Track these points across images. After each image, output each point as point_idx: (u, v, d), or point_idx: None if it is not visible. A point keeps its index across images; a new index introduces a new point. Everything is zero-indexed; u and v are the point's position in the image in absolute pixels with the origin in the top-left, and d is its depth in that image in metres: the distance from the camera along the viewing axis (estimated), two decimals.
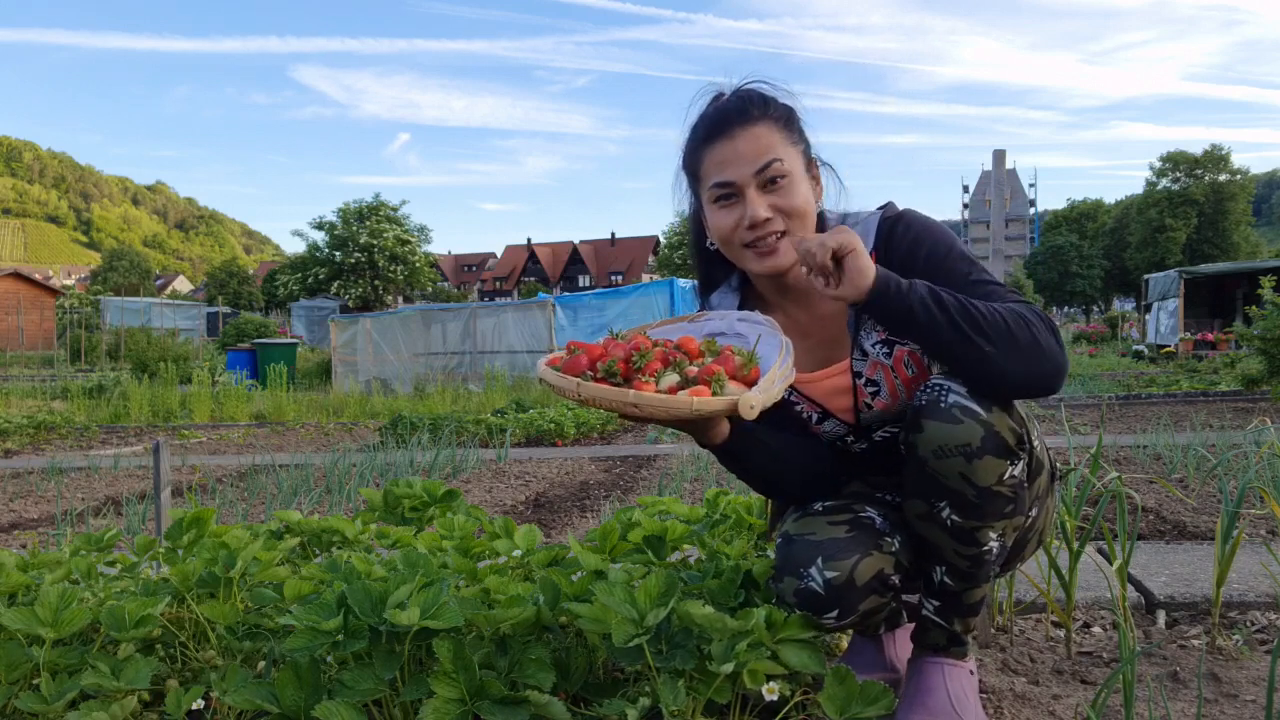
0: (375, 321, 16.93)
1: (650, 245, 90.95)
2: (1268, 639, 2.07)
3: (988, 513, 1.45)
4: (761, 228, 1.54)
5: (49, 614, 1.52)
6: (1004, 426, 1.42)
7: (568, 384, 1.35)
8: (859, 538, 1.53)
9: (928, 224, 1.58)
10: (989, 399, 1.43)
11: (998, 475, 1.43)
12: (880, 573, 1.52)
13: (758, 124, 1.54)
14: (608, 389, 1.32)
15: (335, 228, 44.75)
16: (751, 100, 1.57)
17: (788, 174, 1.54)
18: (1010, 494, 1.45)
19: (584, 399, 1.33)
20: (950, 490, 1.45)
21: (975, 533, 1.47)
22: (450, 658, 1.39)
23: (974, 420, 1.41)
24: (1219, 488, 4.00)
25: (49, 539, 3.78)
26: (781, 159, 1.53)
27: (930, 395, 1.45)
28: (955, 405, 1.42)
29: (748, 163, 1.53)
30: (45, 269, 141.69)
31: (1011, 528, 1.50)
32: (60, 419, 9.60)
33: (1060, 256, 61.34)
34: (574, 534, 3.32)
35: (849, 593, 1.49)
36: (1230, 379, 11.54)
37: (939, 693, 1.52)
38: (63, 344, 28.30)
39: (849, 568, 1.49)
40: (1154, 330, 22.46)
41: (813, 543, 1.53)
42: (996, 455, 1.42)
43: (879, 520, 1.58)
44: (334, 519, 2.23)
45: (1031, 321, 1.41)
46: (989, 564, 1.50)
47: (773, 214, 1.53)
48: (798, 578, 1.51)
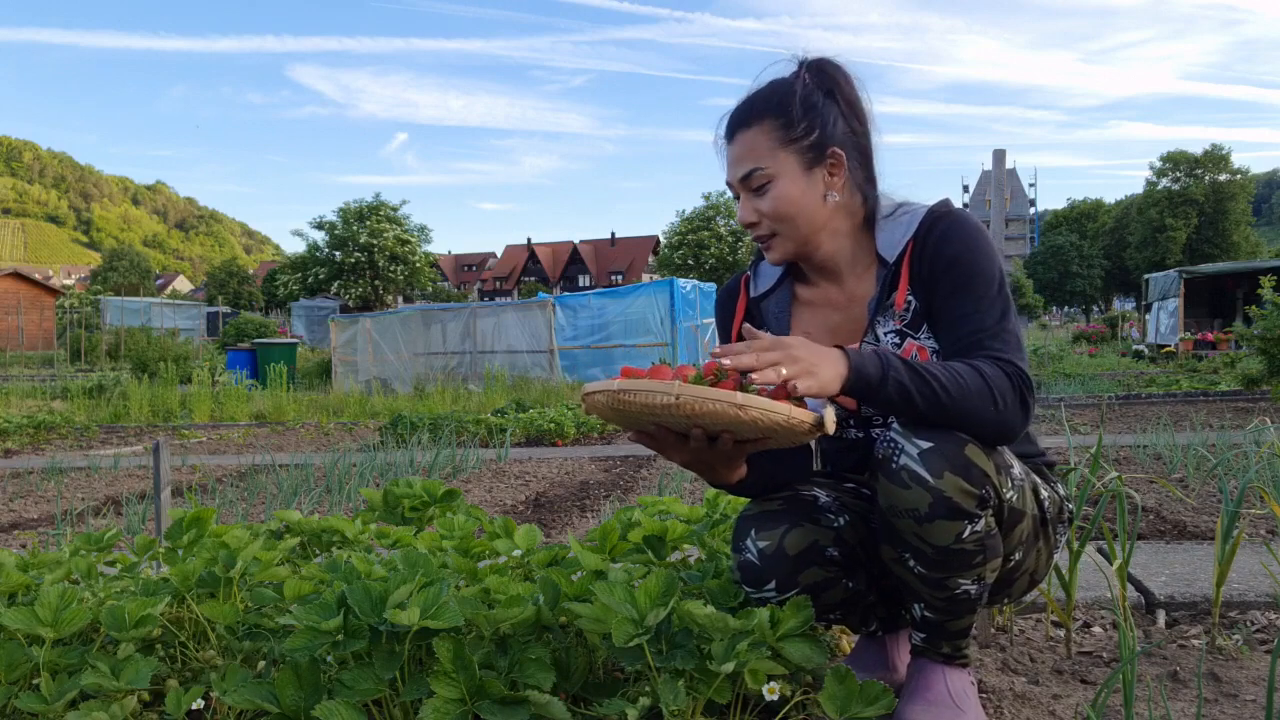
0: (375, 321, 16.93)
1: (650, 245, 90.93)
2: (1268, 639, 2.07)
3: (950, 566, 1.44)
4: (750, 229, 1.62)
5: (49, 614, 1.52)
6: (955, 490, 1.39)
7: (664, 388, 1.28)
8: (791, 510, 1.57)
9: (967, 234, 1.55)
10: (942, 460, 1.39)
11: (954, 535, 1.41)
12: (814, 544, 1.54)
13: (751, 129, 1.58)
14: (716, 390, 1.28)
15: (335, 227, 44.77)
16: (755, 104, 1.60)
17: (771, 179, 1.57)
18: (975, 548, 1.43)
19: (682, 403, 1.27)
20: (910, 545, 1.45)
21: (944, 581, 1.47)
22: (450, 658, 1.39)
23: (921, 487, 1.39)
24: (1219, 487, 4.00)
25: (49, 539, 3.78)
26: (765, 166, 1.56)
27: (885, 450, 1.44)
28: (904, 469, 1.41)
29: (737, 166, 1.60)
30: (45, 269, 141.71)
31: (989, 571, 1.48)
32: (60, 419, 9.61)
33: (1060, 256, 61.38)
34: (574, 534, 3.32)
35: (781, 562, 1.53)
36: (1230, 379, 11.54)
37: (939, 687, 1.53)
38: (63, 344, 28.31)
39: (778, 537, 1.53)
40: (1154, 330, 22.47)
41: (748, 517, 1.59)
42: (948, 519, 1.40)
43: (823, 498, 1.61)
44: (334, 519, 2.23)
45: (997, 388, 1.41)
46: (968, 601, 1.49)
47: (758, 218, 1.60)
48: (738, 552, 1.58)
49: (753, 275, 1.78)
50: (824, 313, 1.69)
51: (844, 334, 1.67)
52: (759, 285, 1.76)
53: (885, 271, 1.61)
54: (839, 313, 1.68)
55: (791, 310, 1.72)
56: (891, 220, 1.64)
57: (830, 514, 1.59)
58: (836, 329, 1.67)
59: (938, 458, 1.39)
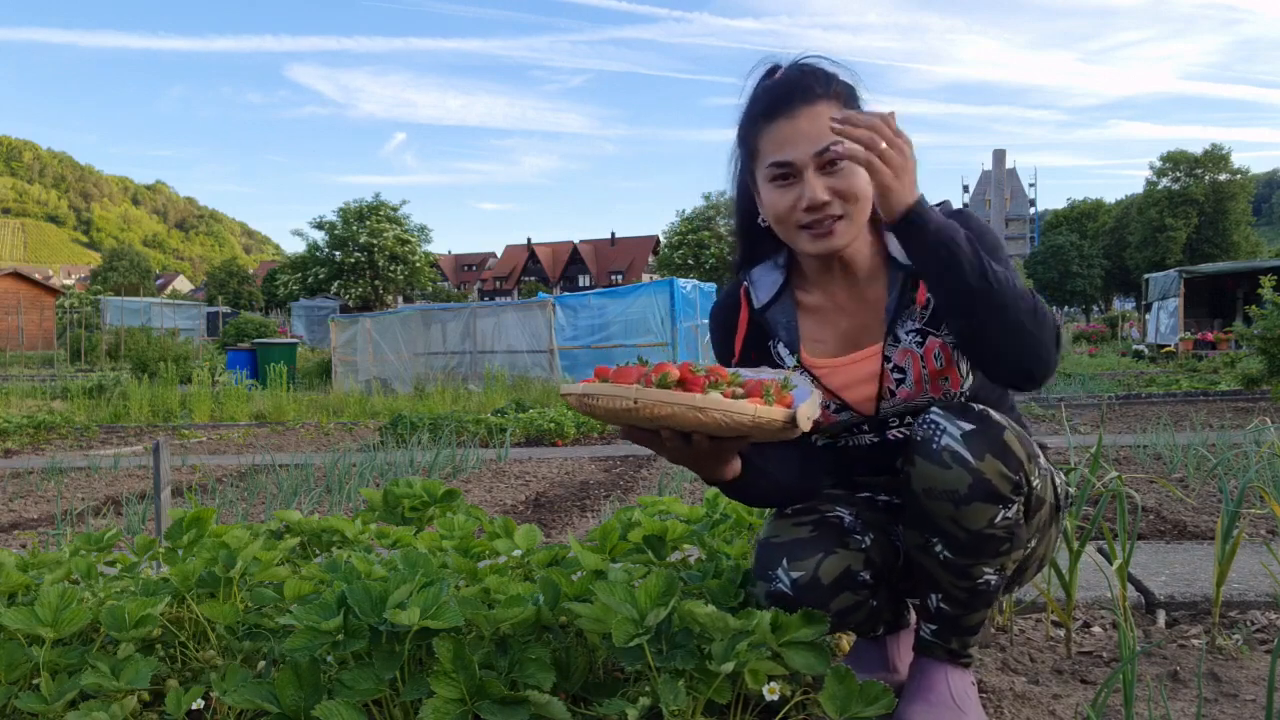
0: (375, 321, 16.93)
1: (650, 245, 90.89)
2: (1268, 639, 2.07)
3: (981, 552, 1.45)
4: (819, 210, 1.49)
5: (49, 614, 1.52)
6: (994, 473, 1.40)
7: (623, 392, 1.29)
8: (823, 537, 1.54)
9: (980, 223, 1.57)
10: (985, 442, 1.40)
11: (988, 519, 1.42)
12: (847, 570, 1.53)
13: (819, 102, 1.48)
14: (671, 392, 1.28)
15: (335, 227, 44.76)
16: (815, 76, 1.51)
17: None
18: (1004, 535, 1.45)
19: (640, 406, 1.27)
20: (941, 529, 1.45)
21: (969, 568, 1.47)
22: (450, 658, 1.39)
23: (963, 468, 1.40)
24: (1219, 487, 4.00)
25: (49, 539, 3.78)
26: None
27: (925, 432, 1.44)
28: (946, 449, 1.41)
29: (808, 142, 1.47)
30: (45, 269, 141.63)
31: (1011, 561, 1.49)
32: (60, 419, 9.60)
33: (1060, 256, 61.32)
34: (574, 534, 3.32)
35: (816, 591, 1.51)
36: (1230, 378, 11.54)
37: (940, 688, 1.53)
38: (63, 344, 28.30)
39: (813, 567, 1.51)
40: (1154, 330, 22.47)
41: (778, 544, 1.55)
42: (986, 501, 1.41)
43: (848, 519, 1.59)
44: (334, 519, 2.23)
45: (1041, 313, 1.41)
46: (987, 594, 1.50)
47: (831, 197, 1.49)
48: (767, 580, 1.54)
49: (750, 285, 1.70)
50: (833, 317, 1.64)
51: (856, 338, 1.63)
52: (759, 295, 1.68)
53: (899, 273, 1.58)
54: (848, 317, 1.64)
55: (798, 319, 1.66)
56: None
57: (857, 535, 1.57)
58: (847, 333, 1.63)
59: (980, 440, 1.41)
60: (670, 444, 1.37)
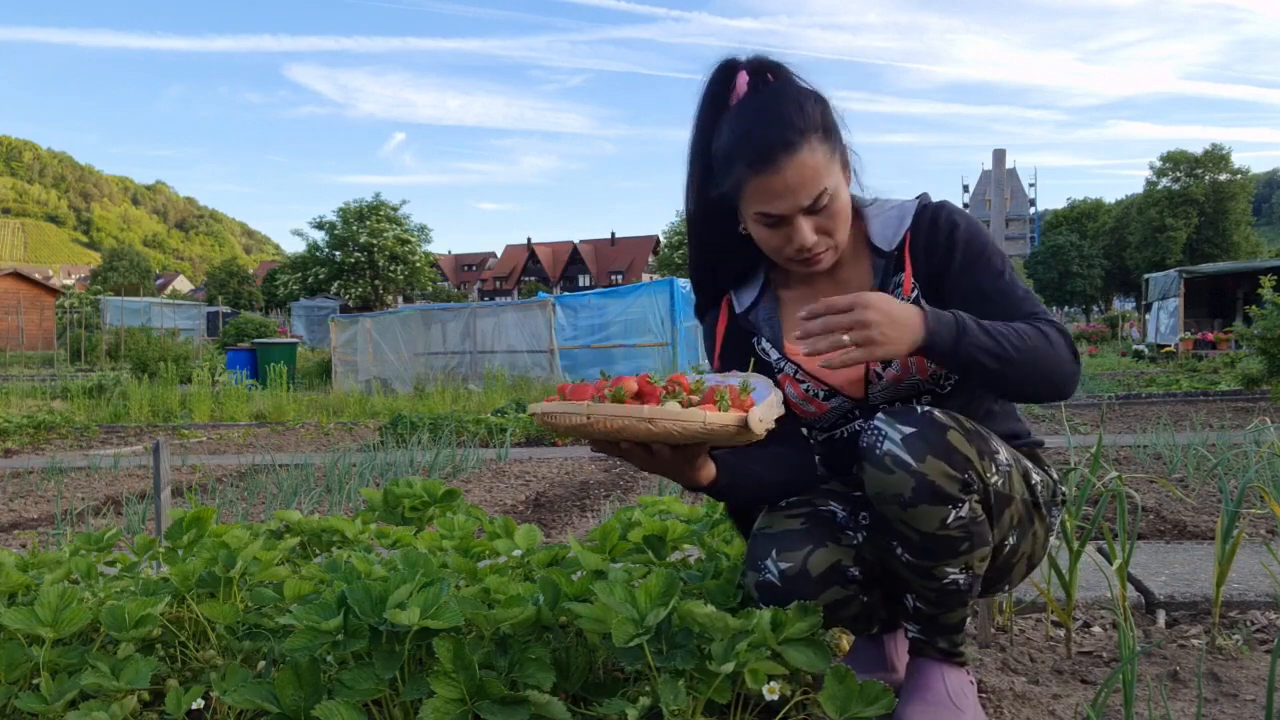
0: (375, 321, 16.93)
1: (650, 245, 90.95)
2: (1268, 639, 2.07)
3: (937, 553, 1.45)
4: (811, 250, 1.53)
5: (49, 614, 1.52)
6: (939, 474, 1.40)
7: (576, 409, 1.33)
8: (813, 530, 1.56)
9: (968, 216, 1.59)
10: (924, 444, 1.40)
11: (939, 520, 1.42)
12: (837, 564, 1.54)
13: (802, 150, 1.46)
14: (621, 406, 1.32)
15: (335, 227, 44.77)
16: (791, 124, 1.46)
17: (834, 194, 1.50)
18: (961, 535, 1.44)
19: (593, 422, 1.31)
20: (897, 532, 1.46)
21: (931, 569, 1.47)
22: (450, 658, 1.39)
23: (905, 471, 1.40)
24: (1219, 487, 4.00)
25: (49, 539, 3.78)
26: (828, 184, 1.48)
27: (869, 438, 1.45)
28: (888, 454, 1.41)
29: (795, 196, 1.47)
30: (45, 269, 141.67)
31: (977, 560, 1.48)
32: (60, 419, 9.61)
33: (1060, 256, 61.30)
34: (574, 534, 3.32)
35: (804, 583, 1.52)
36: (1230, 378, 11.54)
37: (937, 687, 1.53)
38: (63, 344, 28.29)
39: (801, 558, 1.52)
40: (1154, 330, 22.47)
41: (769, 536, 1.56)
42: (933, 503, 1.41)
43: (840, 514, 1.60)
44: (334, 519, 2.23)
45: (1054, 342, 1.44)
46: (958, 593, 1.50)
47: (820, 236, 1.52)
48: (756, 571, 1.55)
49: (732, 292, 1.74)
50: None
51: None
52: (741, 300, 1.72)
53: (883, 261, 1.60)
54: None
55: (780, 314, 1.69)
56: (878, 211, 1.63)
57: (849, 530, 1.59)
58: None
59: (920, 442, 1.41)
60: (633, 454, 1.40)
